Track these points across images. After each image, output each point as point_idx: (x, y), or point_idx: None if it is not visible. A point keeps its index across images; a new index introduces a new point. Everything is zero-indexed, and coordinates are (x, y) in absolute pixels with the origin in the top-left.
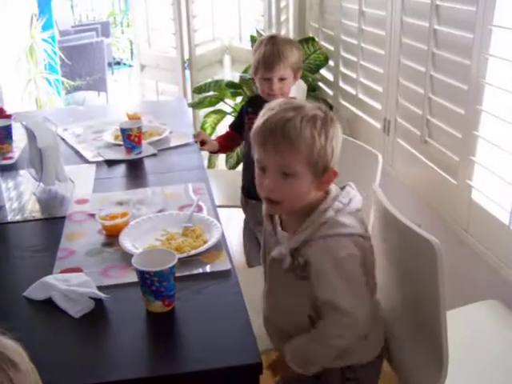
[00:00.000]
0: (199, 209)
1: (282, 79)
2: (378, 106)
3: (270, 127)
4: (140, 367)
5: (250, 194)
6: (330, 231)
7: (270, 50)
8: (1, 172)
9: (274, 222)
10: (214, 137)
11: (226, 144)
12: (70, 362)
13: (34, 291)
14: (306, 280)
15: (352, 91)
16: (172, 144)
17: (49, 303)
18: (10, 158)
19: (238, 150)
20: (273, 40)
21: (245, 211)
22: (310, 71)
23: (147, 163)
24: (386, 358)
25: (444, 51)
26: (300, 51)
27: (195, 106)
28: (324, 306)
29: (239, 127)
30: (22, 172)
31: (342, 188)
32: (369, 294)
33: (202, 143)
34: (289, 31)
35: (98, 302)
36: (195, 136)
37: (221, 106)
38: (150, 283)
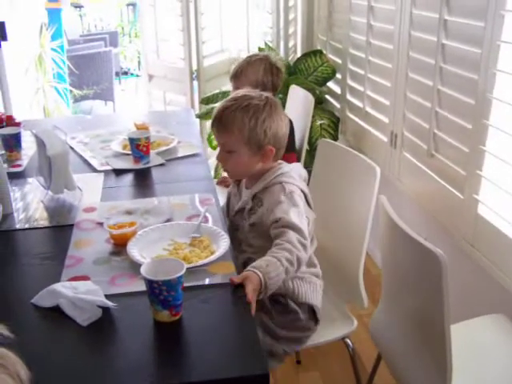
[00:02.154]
0: (206, 219)
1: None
2: (385, 119)
3: (215, 114)
4: (147, 376)
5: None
6: (284, 179)
7: (233, 70)
8: (9, 180)
9: (240, 184)
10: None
11: None
12: (77, 370)
13: (42, 298)
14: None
15: (359, 104)
16: (180, 154)
17: (56, 310)
18: (19, 165)
19: None
20: (240, 61)
21: None
22: (317, 84)
23: (155, 173)
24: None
25: (451, 66)
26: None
27: (202, 116)
28: (278, 226)
29: None
30: (30, 180)
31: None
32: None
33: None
34: (297, 44)
35: (106, 310)
36: (219, 182)
37: None
38: (158, 292)
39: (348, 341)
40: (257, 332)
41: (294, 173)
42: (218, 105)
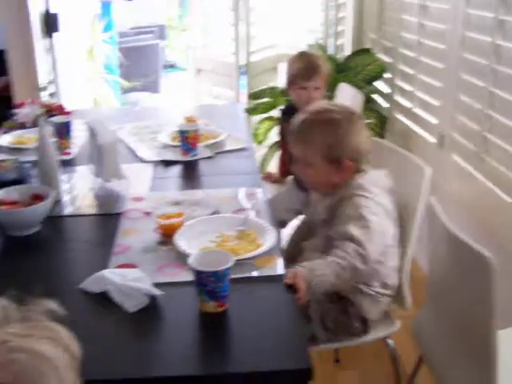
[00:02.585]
0: (254, 213)
1: (316, 88)
2: (433, 120)
3: (294, 125)
4: (190, 365)
5: (299, 185)
6: (357, 191)
7: (307, 63)
8: (59, 167)
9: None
10: (267, 142)
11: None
12: (121, 355)
13: (90, 284)
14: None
15: (407, 104)
16: (227, 148)
17: (104, 296)
18: (69, 153)
19: None
20: (307, 54)
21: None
22: (365, 82)
23: (202, 165)
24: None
25: (506, 67)
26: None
27: (250, 111)
28: (338, 239)
29: (283, 134)
30: (78, 168)
31: (365, 171)
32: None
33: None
34: (346, 42)
35: (153, 298)
36: (265, 178)
37: (274, 112)
38: (206, 283)
39: (390, 341)
40: (302, 327)
41: (370, 184)
42: (298, 116)
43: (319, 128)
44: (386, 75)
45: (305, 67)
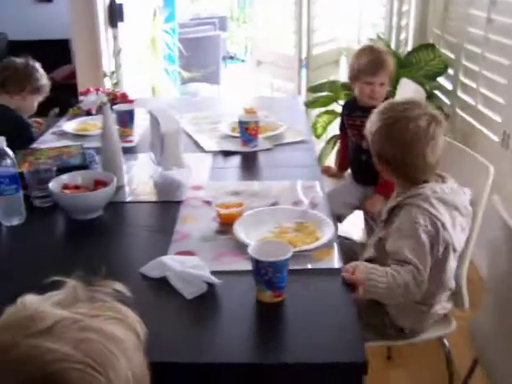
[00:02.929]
0: (313, 206)
1: (381, 84)
2: (497, 118)
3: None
4: (245, 353)
5: (357, 180)
6: (420, 202)
7: (376, 58)
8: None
9: None
10: (325, 136)
11: (345, 160)
12: (179, 340)
13: (150, 269)
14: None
15: (471, 101)
16: (287, 140)
17: (163, 281)
18: (131, 141)
19: None
20: (375, 49)
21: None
22: (427, 78)
23: (261, 157)
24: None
25: None
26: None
27: (309, 104)
28: (394, 259)
29: (344, 127)
30: (140, 156)
31: (444, 179)
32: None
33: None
34: (408, 36)
35: (210, 285)
36: (323, 171)
37: (333, 106)
38: (264, 273)
39: (445, 341)
40: (357, 320)
41: (437, 199)
42: (373, 113)
43: (383, 129)
44: (450, 71)
45: (372, 62)
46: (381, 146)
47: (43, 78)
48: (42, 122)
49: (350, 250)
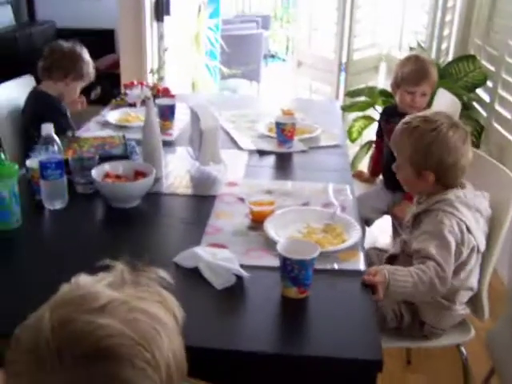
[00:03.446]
0: (342, 209)
1: (423, 94)
2: None
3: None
4: (268, 343)
5: (388, 186)
6: (445, 207)
7: (420, 68)
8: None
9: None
10: (360, 140)
11: (378, 166)
12: (208, 327)
13: (184, 259)
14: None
15: (508, 115)
16: (321, 143)
17: (195, 271)
18: (170, 134)
19: None
20: (420, 59)
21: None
22: (466, 89)
23: (296, 158)
24: None
25: None
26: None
27: (346, 109)
28: (418, 257)
29: (381, 133)
30: (178, 149)
31: (463, 186)
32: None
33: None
34: (450, 46)
35: (239, 278)
36: (356, 175)
37: (370, 112)
38: (290, 270)
39: (462, 349)
40: (375, 321)
41: (461, 203)
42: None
43: (409, 134)
44: (489, 84)
45: (415, 71)
46: (415, 154)
47: (89, 66)
48: (84, 101)
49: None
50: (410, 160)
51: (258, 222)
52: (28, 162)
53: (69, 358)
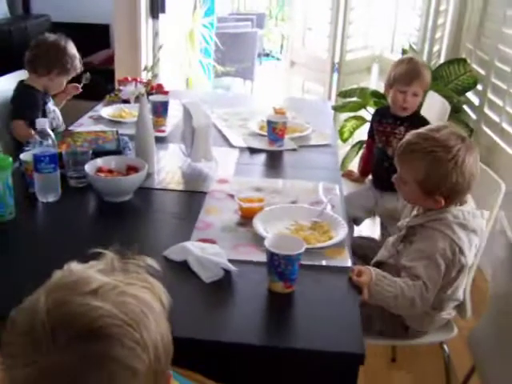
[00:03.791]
0: (330, 207)
1: (414, 95)
2: None
3: (401, 144)
4: (254, 335)
5: (377, 185)
6: (441, 227)
7: (412, 68)
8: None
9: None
10: (351, 140)
11: (368, 166)
12: (194, 319)
13: (173, 253)
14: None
15: (496, 119)
16: (312, 142)
17: (184, 265)
18: (163, 131)
19: None
20: (414, 61)
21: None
22: (456, 92)
23: (286, 157)
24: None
25: None
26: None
27: (338, 109)
28: (406, 274)
29: (372, 134)
30: (171, 146)
31: (463, 202)
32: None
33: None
34: (441, 49)
35: (227, 272)
36: (345, 175)
37: (362, 112)
38: (277, 265)
39: (445, 346)
40: (359, 316)
41: (458, 225)
42: (412, 132)
43: (420, 158)
44: (478, 87)
45: (408, 71)
46: (419, 172)
47: (74, 59)
48: (78, 86)
49: (367, 248)
50: (420, 183)
51: (247, 218)
52: (22, 156)
53: (63, 339)
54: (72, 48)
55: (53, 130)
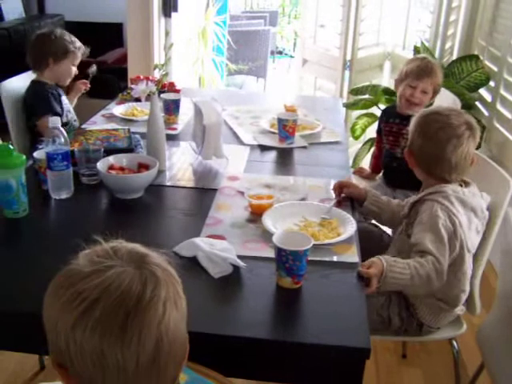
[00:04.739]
0: (338, 204)
1: (424, 92)
2: None
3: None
4: (262, 330)
5: (388, 183)
6: (440, 199)
7: (425, 65)
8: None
9: None
10: (362, 138)
11: (379, 163)
12: (205, 313)
13: (183, 248)
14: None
15: (508, 115)
16: (322, 140)
17: (193, 260)
18: (175, 128)
19: None
20: (427, 58)
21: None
22: (468, 89)
23: (296, 154)
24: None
25: None
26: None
27: (349, 106)
28: (416, 251)
29: (380, 132)
30: (182, 143)
31: (467, 184)
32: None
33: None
34: (454, 46)
35: (236, 268)
36: (356, 172)
37: (373, 110)
38: (285, 260)
39: (454, 343)
40: (365, 311)
41: (457, 200)
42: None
43: (419, 128)
44: (491, 84)
45: (421, 67)
46: (412, 136)
47: (66, 44)
48: (86, 82)
49: (377, 237)
50: (414, 152)
51: (256, 214)
52: (35, 154)
53: None
54: (62, 34)
55: (67, 123)
